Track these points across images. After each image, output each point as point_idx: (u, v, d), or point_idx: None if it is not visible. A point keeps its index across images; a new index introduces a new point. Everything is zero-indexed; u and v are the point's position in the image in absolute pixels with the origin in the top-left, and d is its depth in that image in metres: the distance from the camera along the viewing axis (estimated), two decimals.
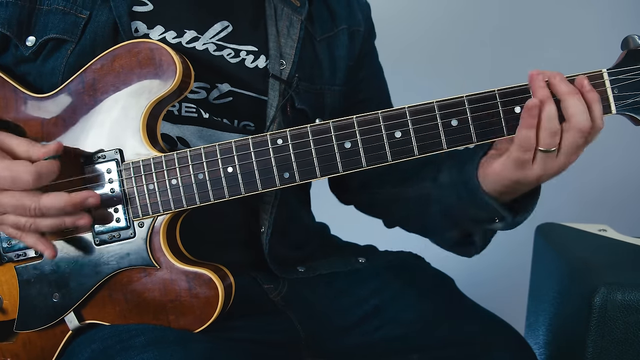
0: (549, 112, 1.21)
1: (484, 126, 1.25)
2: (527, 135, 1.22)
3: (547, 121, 1.21)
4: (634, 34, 1.25)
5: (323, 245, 1.76)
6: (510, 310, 1.97)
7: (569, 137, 1.23)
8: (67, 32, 1.38)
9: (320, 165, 1.28)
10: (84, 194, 1.26)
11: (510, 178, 1.30)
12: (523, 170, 1.27)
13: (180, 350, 1.22)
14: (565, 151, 1.24)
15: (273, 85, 1.51)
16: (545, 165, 1.25)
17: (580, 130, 1.21)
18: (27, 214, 1.23)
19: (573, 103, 1.21)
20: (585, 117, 1.21)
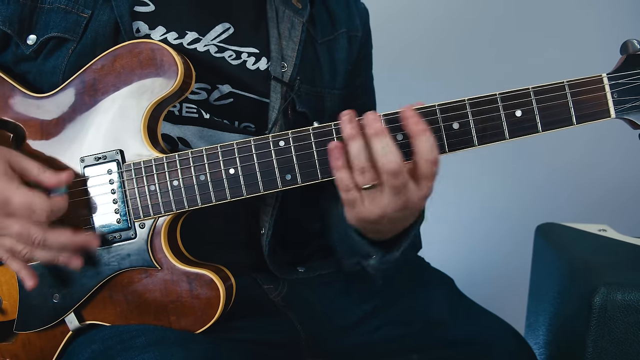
0: (352, 149, 1.18)
1: (486, 130, 1.25)
2: (338, 176, 1.20)
3: (353, 158, 1.18)
4: (633, 39, 1.25)
5: (323, 246, 1.76)
6: (510, 310, 1.97)
7: (383, 177, 1.17)
8: (68, 31, 1.38)
9: (321, 167, 1.27)
10: (88, 238, 1.29)
11: (352, 217, 1.26)
12: (356, 208, 1.23)
13: (181, 351, 1.23)
14: (389, 190, 1.18)
15: (275, 87, 1.51)
16: (376, 202, 1.20)
17: (387, 171, 1.15)
18: (28, 243, 1.24)
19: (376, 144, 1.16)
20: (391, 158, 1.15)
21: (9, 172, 1.25)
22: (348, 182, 1.19)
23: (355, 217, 1.25)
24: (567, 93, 1.23)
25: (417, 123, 1.17)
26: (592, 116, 1.25)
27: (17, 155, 1.29)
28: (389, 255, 1.36)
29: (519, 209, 2.92)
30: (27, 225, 1.22)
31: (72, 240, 1.27)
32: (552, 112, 1.24)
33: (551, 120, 1.24)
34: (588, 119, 1.25)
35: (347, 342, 1.55)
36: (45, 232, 1.24)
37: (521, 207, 2.93)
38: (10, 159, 1.27)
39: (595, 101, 1.24)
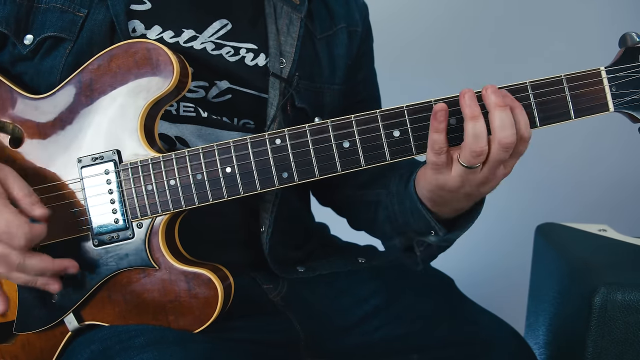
0: (474, 130, 1.17)
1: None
2: (435, 139, 1.20)
3: (472, 139, 1.18)
4: (632, 32, 1.25)
5: (323, 246, 1.76)
6: (510, 310, 1.97)
7: (492, 151, 1.19)
8: (64, 30, 1.38)
9: (318, 164, 1.27)
10: (66, 263, 1.30)
11: (431, 182, 1.27)
12: (440, 174, 1.24)
13: (180, 351, 1.22)
14: (489, 165, 1.21)
15: (273, 83, 1.51)
16: (466, 176, 1.22)
17: (503, 145, 1.17)
18: (6, 265, 1.24)
19: (498, 116, 1.17)
20: (510, 132, 1.17)
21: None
22: (443, 145, 1.20)
23: (434, 184, 1.27)
24: (565, 87, 1.23)
25: (514, 100, 1.20)
26: (590, 110, 1.24)
27: (7, 170, 1.30)
28: (452, 234, 1.37)
29: (519, 209, 2.91)
30: (7, 250, 1.23)
31: (51, 266, 1.28)
32: (550, 107, 1.23)
33: (549, 115, 1.23)
34: (586, 113, 1.24)
35: (347, 342, 1.54)
36: (25, 258, 1.24)
37: (521, 207, 2.92)
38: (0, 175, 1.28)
39: (593, 95, 1.24)
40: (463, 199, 1.29)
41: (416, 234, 1.43)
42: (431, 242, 1.42)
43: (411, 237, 1.47)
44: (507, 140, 1.17)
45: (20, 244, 1.23)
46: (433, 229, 1.37)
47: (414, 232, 1.43)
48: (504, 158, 1.19)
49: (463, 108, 1.19)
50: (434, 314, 1.57)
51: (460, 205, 1.33)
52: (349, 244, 1.81)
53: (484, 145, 1.17)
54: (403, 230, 1.47)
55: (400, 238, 1.50)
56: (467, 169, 1.20)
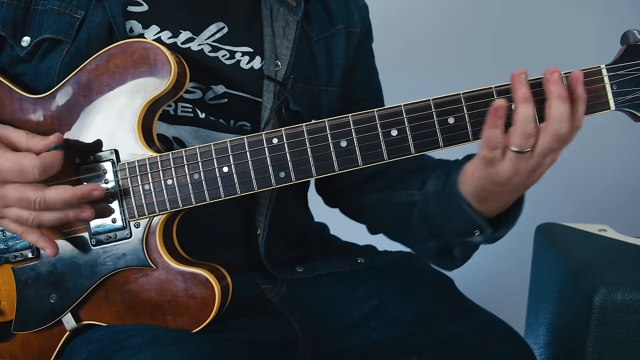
0: (525, 113, 1.18)
1: (482, 124, 1.23)
2: (491, 134, 1.19)
3: (522, 122, 1.18)
4: (634, 29, 1.24)
5: (322, 246, 1.76)
6: (510, 310, 1.96)
7: (544, 139, 1.19)
8: (62, 32, 1.38)
9: (316, 164, 1.27)
10: (88, 187, 1.27)
11: (482, 177, 1.27)
12: (493, 167, 1.24)
13: (177, 351, 1.22)
14: (539, 152, 1.21)
15: (267, 86, 1.51)
16: (517, 164, 1.22)
17: (557, 136, 1.18)
18: (30, 207, 1.24)
19: (557, 107, 1.18)
20: (566, 124, 1.18)
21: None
22: (500, 140, 1.19)
23: (485, 178, 1.26)
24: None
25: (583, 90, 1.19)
26: (591, 108, 1.23)
27: (4, 127, 1.30)
28: (499, 232, 1.37)
29: None
30: (23, 189, 1.22)
31: (74, 193, 1.25)
32: None
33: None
34: (587, 111, 1.23)
35: (346, 342, 1.54)
36: (44, 191, 1.23)
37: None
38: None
39: (594, 93, 1.23)
40: (511, 191, 1.29)
41: (454, 235, 1.41)
42: (477, 241, 1.40)
43: (447, 239, 1.45)
44: (562, 132, 1.18)
45: (35, 176, 1.21)
46: (480, 228, 1.35)
47: (453, 233, 1.41)
48: (555, 147, 1.20)
49: (516, 89, 1.19)
50: (433, 315, 1.56)
51: (504, 200, 1.32)
52: (348, 244, 1.81)
53: (534, 127, 1.18)
54: (439, 233, 1.45)
55: (436, 240, 1.48)
56: (517, 154, 1.20)
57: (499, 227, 1.37)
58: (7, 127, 1.31)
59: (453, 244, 1.45)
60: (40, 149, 1.26)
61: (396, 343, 1.52)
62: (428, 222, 1.47)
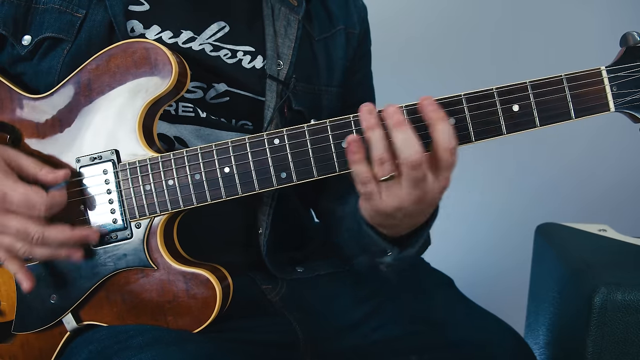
0: (371, 139, 1.16)
1: (483, 125, 1.23)
2: (357, 170, 1.18)
3: (372, 149, 1.16)
4: (633, 31, 1.24)
5: (322, 246, 1.75)
6: (510, 310, 1.96)
7: (403, 170, 1.16)
8: (63, 31, 1.39)
9: (317, 165, 1.27)
10: (86, 231, 1.29)
11: (369, 210, 1.25)
12: (373, 201, 1.21)
13: (178, 351, 1.22)
14: (408, 183, 1.17)
15: (270, 86, 1.51)
16: (394, 195, 1.19)
17: (409, 164, 1.14)
18: (27, 240, 1.24)
19: (397, 136, 1.15)
20: (412, 150, 1.13)
21: (6, 168, 1.25)
22: (366, 174, 1.18)
23: (372, 211, 1.24)
24: (565, 87, 1.22)
25: (435, 110, 1.16)
26: (591, 110, 1.23)
27: (14, 152, 1.30)
28: (405, 252, 1.34)
29: (519, 209, 2.91)
30: (26, 222, 1.23)
31: (71, 235, 1.27)
32: (550, 107, 1.23)
33: (549, 115, 1.23)
34: (587, 112, 1.23)
35: (346, 342, 1.53)
36: (44, 229, 1.24)
37: (521, 207, 2.92)
38: (6, 156, 1.28)
39: (594, 94, 1.23)
40: (407, 218, 1.25)
41: (374, 255, 1.39)
42: (389, 262, 1.38)
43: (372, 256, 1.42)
44: (411, 159, 1.14)
45: (40, 214, 1.23)
46: (384, 250, 1.34)
47: (373, 252, 1.39)
48: (418, 175, 1.15)
49: (361, 121, 1.18)
50: (433, 315, 1.56)
51: (409, 223, 1.28)
52: None
53: (382, 152, 1.15)
54: (366, 249, 1.42)
55: (365, 256, 1.45)
56: (386, 183, 1.18)
57: (405, 246, 1.34)
58: (17, 152, 1.31)
59: (378, 262, 1.42)
60: (49, 182, 1.27)
61: (396, 343, 1.52)
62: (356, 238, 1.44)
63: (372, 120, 1.17)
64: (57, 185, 1.28)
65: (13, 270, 1.30)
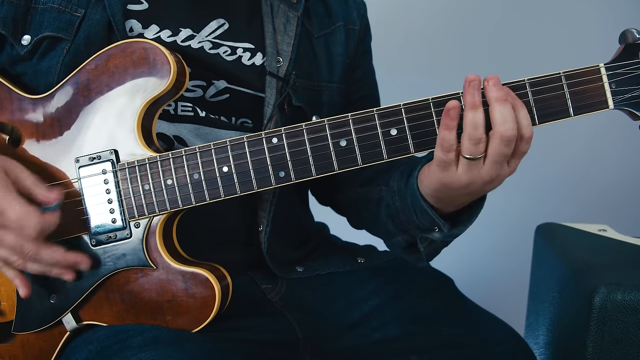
0: (473, 119, 1.18)
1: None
2: (445, 136, 1.19)
3: (470, 128, 1.18)
4: (632, 28, 1.24)
5: (322, 245, 1.76)
6: (510, 310, 1.96)
7: (493, 145, 1.19)
8: (62, 30, 1.39)
9: (315, 163, 1.27)
10: (79, 257, 1.31)
11: (436, 180, 1.26)
12: (447, 172, 1.23)
13: (177, 351, 1.22)
14: (492, 160, 1.20)
15: (270, 82, 1.51)
16: (470, 172, 1.21)
17: (504, 139, 1.17)
18: (21, 255, 1.26)
19: (499, 110, 1.18)
20: (511, 125, 1.17)
21: (6, 182, 1.26)
22: (452, 142, 1.19)
23: (439, 182, 1.26)
24: (564, 84, 1.22)
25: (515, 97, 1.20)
26: (589, 107, 1.23)
27: (13, 164, 1.30)
28: (456, 230, 1.36)
29: (519, 209, 2.91)
30: (20, 240, 1.24)
31: (63, 258, 1.29)
32: (548, 104, 1.22)
33: (548, 112, 1.23)
34: (586, 110, 1.23)
35: (346, 342, 1.54)
36: (39, 248, 1.26)
37: (521, 207, 2.92)
38: (7, 167, 1.29)
39: (592, 92, 1.23)
40: (467, 196, 1.29)
41: (419, 231, 1.42)
42: (435, 238, 1.40)
43: (414, 234, 1.45)
44: (508, 134, 1.17)
45: (32, 235, 1.24)
46: (437, 225, 1.36)
47: (417, 228, 1.42)
48: (506, 153, 1.19)
49: (465, 95, 1.19)
50: (433, 315, 1.57)
51: (461, 201, 1.32)
52: (348, 244, 1.81)
53: (482, 133, 1.17)
54: (406, 228, 1.46)
55: (403, 235, 1.48)
56: (470, 161, 1.19)
57: (457, 224, 1.36)
58: (17, 164, 1.31)
59: (418, 240, 1.45)
60: (41, 200, 1.28)
61: (396, 343, 1.52)
62: (394, 217, 1.47)
63: (477, 98, 1.19)
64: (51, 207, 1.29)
65: (10, 277, 1.32)
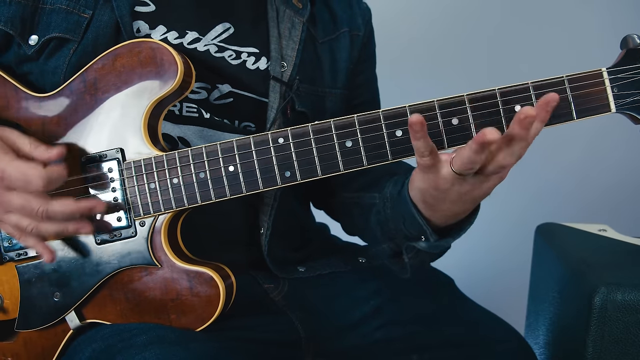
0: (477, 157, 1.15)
1: (486, 125, 1.23)
2: (416, 144, 1.18)
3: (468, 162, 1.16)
4: (633, 33, 1.25)
5: (323, 246, 1.76)
6: (510, 310, 1.97)
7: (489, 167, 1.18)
8: (69, 31, 1.39)
9: (321, 164, 1.28)
10: (91, 202, 1.28)
11: (422, 180, 1.26)
12: (430, 174, 1.23)
13: (181, 350, 1.22)
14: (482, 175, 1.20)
15: (274, 87, 1.51)
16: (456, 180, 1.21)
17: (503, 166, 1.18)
18: (32, 216, 1.24)
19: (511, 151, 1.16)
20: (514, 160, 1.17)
21: (4, 146, 1.25)
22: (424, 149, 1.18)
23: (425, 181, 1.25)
24: (567, 88, 1.23)
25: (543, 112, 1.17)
26: (592, 111, 1.24)
27: (10, 131, 1.30)
28: (443, 241, 1.36)
29: (519, 209, 2.92)
30: (27, 197, 1.22)
31: (76, 207, 1.26)
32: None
33: (551, 115, 1.22)
34: (588, 113, 1.24)
35: (347, 342, 1.54)
36: (47, 202, 1.23)
37: (521, 207, 2.93)
38: (4, 135, 1.28)
39: (595, 95, 1.24)
40: (456, 199, 1.27)
41: (406, 239, 1.42)
42: (421, 247, 1.40)
43: (400, 243, 1.45)
44: (506, 163, 1.17)
45: (38, 187, 1.22)
46: (424, 233, 1.36)
47: (404, 237, 1.42)
48: (499, 172, 1.20)
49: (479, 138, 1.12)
50: (433, 314, 1.57)
51: (453, 209, 1.30)
52: (349, 244, 1.81)
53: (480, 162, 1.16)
54: (393, 236, 1.46)
55: (389, 243, 1.49)
56: (456, 175, 1.20)
57: (445, 236, 1.36)
58: (12, 130, 1.30)
59: (402, 249, 1.45)
60: (44, 160, 1.27)
61: (397, 342, 1.53)
62: (382, 224, 1.48)
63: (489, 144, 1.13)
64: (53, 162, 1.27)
65: (31, 244, 1.30)
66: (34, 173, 1.22)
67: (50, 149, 1.27)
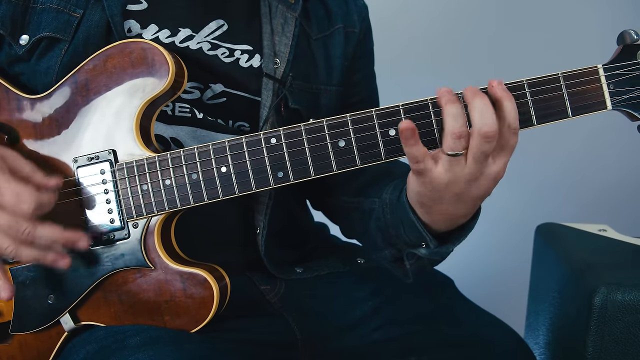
0: (452, 112, 1.16)
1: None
2: (408, 151, 1.18)
3: (451, 121, 1.16)
4: (630, 29, 1.24)
5: (322, 246, 1.75)
6: (510, 310, 1.96)
7: (473, 142, 1.16)
8: (60, 30, 1.39)
9: (314, 164, 1.27)
10: (77, 235, 1.27)
11: (417, 183, 1.25)
12: (425, 176, 1.22)
13: (176, 351, 1.22)
14: (473, 157, 1.17)
15: (267, 84, 1.50)
16: (451, 170, 1.19)
17: (484, 134, 1.15)
18: (14, 238, 1.22)
19: (475, 104, 1.16)
20: (490, 120, 1.15)
21: (2, 166, 1.24)
22: (417, 154, 1.18)
23: (420, 184, 1.24)
24: (562, 85, 1.22)
25: (505, 90, 1.18)
26: (588, 108, 1.23)
27: (11, 153, 1.29)
28: (444, 247, 1.34)
29: (519, 209, 2.91)
30: (16, 218, 1.21)
31: (61, 235, 1.25)
32: (547, 105, 1.22)
33: (546, 113, 1.22)
34: (584, 111, 1.23)
35: (345, 343, 1.54)
36: (35, 225, 1.22)
37: (521, 207, 2.92)
38: (5, 155, 1.27)
39: (591, 92, 1.23)
40: (453, 200, 1.25)
41: (407, 246, 1.40)
42: (422, 254, 1.38)
43: (401, 249, 1.43)
44: (486, 129, 1.15)
45: (30, 209, 1.21)
46: (424, 240, 1.34)
47: (405, 244, 1.40)
48: (487, 150, 1.16)
49: (439, 99, 1.18)
50: (433, 315, 1.57)
51: (452, 210, 1.28)
52: (348, 244, 1.81)
53: (462, 125, 1.16)
54: (393, 242, 1.44)
55: (390, 249, 1.47)
56: (451, 158, 1.18)
57: (446, 242, 1.34)
58: (15, 153, 1.29)
59: (403, 255, 1.44)
60: (41, 185, 1.26)
61: (395, 343, 1.52)
62: (383, 231, 1.46)
63: (452, 96, 1.18)
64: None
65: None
66: (27, 195, 1.21)
67: (47, 179, 1.27)
